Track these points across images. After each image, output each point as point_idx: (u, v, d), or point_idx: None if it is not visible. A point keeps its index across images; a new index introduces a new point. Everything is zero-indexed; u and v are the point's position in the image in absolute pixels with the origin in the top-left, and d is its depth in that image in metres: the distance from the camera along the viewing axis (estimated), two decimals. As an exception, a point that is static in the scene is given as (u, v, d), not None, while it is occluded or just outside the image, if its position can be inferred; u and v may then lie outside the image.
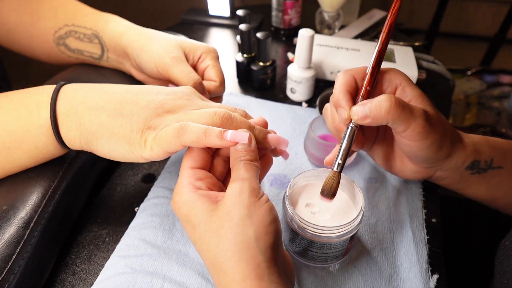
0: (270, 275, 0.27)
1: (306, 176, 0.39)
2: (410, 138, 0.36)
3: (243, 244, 0.27)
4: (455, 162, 0.40)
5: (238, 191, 0.29)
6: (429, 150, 0.37)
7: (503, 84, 1.29)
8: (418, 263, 0.40)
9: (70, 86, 0.35)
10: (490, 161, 0.40)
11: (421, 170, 0.41)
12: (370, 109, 0.34)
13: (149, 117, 0.33)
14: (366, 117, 0.35)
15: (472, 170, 0.41)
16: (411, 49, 0.71)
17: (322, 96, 0.58)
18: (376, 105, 0.34)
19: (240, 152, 0.32)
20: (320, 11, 0.81)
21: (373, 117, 0.34)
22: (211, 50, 0.50)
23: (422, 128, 0.35)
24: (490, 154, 0.40)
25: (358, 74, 0.37)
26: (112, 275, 0.37)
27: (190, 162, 0.33)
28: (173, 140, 0.31)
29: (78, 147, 0.35)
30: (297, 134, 0.56)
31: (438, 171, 0.41)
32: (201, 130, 0.31)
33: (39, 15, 0.51)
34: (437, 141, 0.37)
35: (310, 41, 0.56)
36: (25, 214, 0.35)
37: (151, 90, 0.36)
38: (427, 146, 0.37)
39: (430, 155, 0.38)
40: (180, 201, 0.31)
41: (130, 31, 0.49)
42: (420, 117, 0.35)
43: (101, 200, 0.46)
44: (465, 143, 0.40)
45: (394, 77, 0.38)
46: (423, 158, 0.39)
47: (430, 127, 0.36)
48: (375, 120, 0.35)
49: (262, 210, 0.29)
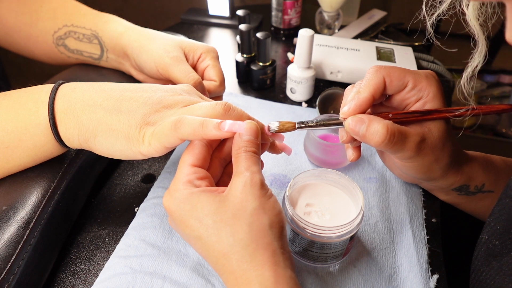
0: (284, 260, 0.28)
1: (306, 176, 0.39)
2: (397, 158, 0.38)
3: (259, 232, 0.28)
4: (441, 184, 0.41)
5: (249, 183, 0.29)
6: (415, 171, 0.38)
7: (503, 84, 1.29)
8: (418, 263, 0.39)
9: (68, 85, 0.35)
10: (482, 185, 0.41)
11: (408, 177, 0.44)
12: (363, 132, 0.35)
13: (147, 113, 0.33)
14: (356, 134, 0.35)
15: (459, 192, 0.41)
16: (411, 49, 0.71)
17: (322, 96, 0.58)
18: (371, 133, 0.34)
19: (246, 142, 0.31)
20: (320, 11, 0.81)
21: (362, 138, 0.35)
22: (211, 50, 0.49)
23: (408, 157, 0.36)
24: (482, 179, 0.40)
25: (389, 77, 0.36)
26: (112, 275, 0.37)
27: (192, 159, 0.32)
28: (170, 134, 0.31)
29: (77, 146, 0.35)
30: (297, 134, 0.56)
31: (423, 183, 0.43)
32: (198, 122, 0.30)
33: (38, 16, 0.51)
34: (424, 166, 0.37)
35: (310, 41, 0.56)
36: (24, 214, 0.35)
37: (149, 87, 0.36)
38: (413, 168, 0.38)
39: (416, 175, 0.39)
40: (180, 197, 0.30)
41: (130, 31, 0.49)
42: (409, 150, 0.35)
43: (101, 200, 0.46)
44: (460, 167, 0.40)
45: (424, 88, 0.36)
46: (407, 174, 0.40)
47: (419, 156, 0.36)
48: (362, 141, 0.36)
49: (271, 201, 0.30)
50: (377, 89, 0.36)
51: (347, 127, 0.35)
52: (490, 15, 0.27)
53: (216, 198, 0.29)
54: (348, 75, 0.67)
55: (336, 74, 0.68)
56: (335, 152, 0.48)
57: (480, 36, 0.29)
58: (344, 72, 0.67)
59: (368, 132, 0.34)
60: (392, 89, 0.36)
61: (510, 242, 0.31)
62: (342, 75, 0.67)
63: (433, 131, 0.36)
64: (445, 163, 0.37)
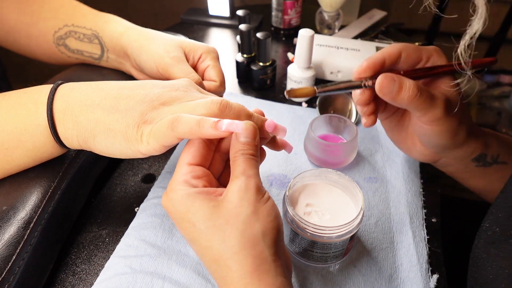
0: (276, 268, 0.28)
1: (306, 176, 0.39)
2: (426, 123, 0.37)
3: (251, 240, 0.28)
4: (464, 152, 0.40)
5: (244, 188, 0.29)
6: (443, 136, 0.38)
7: (503, 84, 1.29)
8: (418, 263, 0.40)
9: (67, 85, 0.35)
10: (497, 156, 0.41)
11: (429, 153, 0.42)
12: (396, 90, 0.35)
13: (144, 111, 0.32)
14: (389, 93, 0.35)
15: (478, 163, 0.41)
16: (411, 49, 0.71)
17: (322, 96, 0.58)
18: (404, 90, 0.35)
19: (243, 145, 0.31)
20: (320, 11, 0.81)
21: (395, 97, 0.35)
22: (211, 50, 0.49)
23: (439, 117, 0.36)
24: (497, 150, 0.41)
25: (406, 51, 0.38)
26: (112, 275, 0.37)
27: (189, 157, 0.32)
28: (167, 133, 0.30)
29: (77, 146, 0.35)
30: (297, 134, 0.56)
31: (444, 157, 0.42)
32: (194, 121, 0.30)
33: (39, 16, 0.51)
34: (452, 129, 0.37)
35: (310, 41, 0.56)
36: (25, 214, 0.35)
37: (146, 84, 0.35)
38: (442, 132, 0.38)
39: (443, 141, 0.39)
40: (176, 198, 0.30)
41: (130, 31, 0.49)
42: (439, 107, 0.36)
43: (101, 200, 0.46)
44: (477, 135, 0.40)
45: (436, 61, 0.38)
46: (435, 143, 0.39)
47: (447, 116, 0.36)
48: (393, 101, 0.36)
49: (266, 206, 0.29)
50: (389, 55, 0.37)
51: (380, 87, 0.35)
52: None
53: (211, 203, 0.29)
54: (348, 75, 0.67)
55: (336, 74, 0.68)
56: (335, 152, 0.48)
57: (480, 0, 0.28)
58: (344, 72, 0.67)
59: (401, 89, 0.35)
60: (409, 62, 0.38)
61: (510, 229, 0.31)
62: (342, 75, 0.68)
63: (453, 96, 0.37)
64: (468, 126, 0.39)
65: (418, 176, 0.49)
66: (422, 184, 0.49)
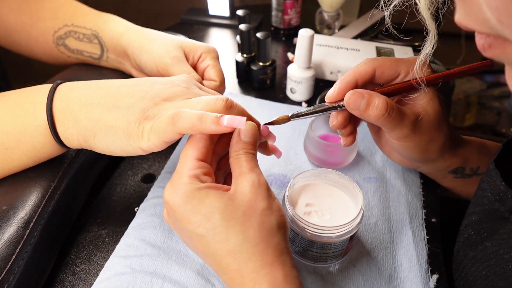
0: (290, 259, 0.29)
1: (306, 176, 0.39)
2: (394, 138, 0.38)
3: (269, 232, 0.28)
4: (439, 165, 0.41)
5: (257, 184, 0.29)
6: (412, 151, 0.38)
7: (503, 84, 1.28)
8: (418, 263, 0.40)
9: (66, 85, 0.35)
10: (476, 168, 0.41)
11: (406, 161, 0.43)
12: (363, 106, 0.35)
13: (146, 107, 0.32)
14: (356, 109, 0.35)
15: (455, 174, 0.42)
16: (411, 49, 0.71)
17: (322, 96, 0.58)
18: (372, 107, 0.34)
19: (246, 144, 0.31)
20: (320, 11, 0.81)
21: (362, 113, 0.35)
22: (211, 50, 0.49)
23: (405, 135, 0.36)
24: (477, 162, 0.41)
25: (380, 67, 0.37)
26: (112, 275, 0.37)
27: (196, 153, 0.31)
28: (168, 128, 0.30)
29: (77, 145, 0.35)
30: (297, 134, 0.56)
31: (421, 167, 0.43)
32: (196, 116, 0.30)
33: (39, 16, 0.51)
34: (421, 145, 0.38)
35: (310, 41, 0.56)
36: (24, 214, 0.35)
37: (146, 81, 0.35)
38: (410, 148, 0.38)
39: (413, 155, 0.39)
40: (186, 191, 0.28)
41: (130, 31, 0.49)
42: (406, 126, 0.36)
43: (100, 200, 0.46)
44: (456, 149, 0.40)
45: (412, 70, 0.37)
46: (406, 156, 0.40)
47: (415, 134, 0.36)
48: (361, 116, 0.36)
49: (276, 202, 0.30)
50: (361, 76, 0.37)
51: (347, 103, 0.35)
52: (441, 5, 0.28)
53: (225, 196, 0.29)
54: (348, 75, 0.67)
55: (336, 74, 0.68)
56: (335, 152, 0.48)
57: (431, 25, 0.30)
58: (344, 72, 0.67)
59: (369, 106, 0.35)
60: (385, 78, 0.38)
61: (484, 232, 0.32)
62: (342, 75, 0.67)
63: (428, 112, 0.37)
64: (440, 144, 0.38)
65: (418, 176, 0.49)
66: (422, 184, 0.49)
